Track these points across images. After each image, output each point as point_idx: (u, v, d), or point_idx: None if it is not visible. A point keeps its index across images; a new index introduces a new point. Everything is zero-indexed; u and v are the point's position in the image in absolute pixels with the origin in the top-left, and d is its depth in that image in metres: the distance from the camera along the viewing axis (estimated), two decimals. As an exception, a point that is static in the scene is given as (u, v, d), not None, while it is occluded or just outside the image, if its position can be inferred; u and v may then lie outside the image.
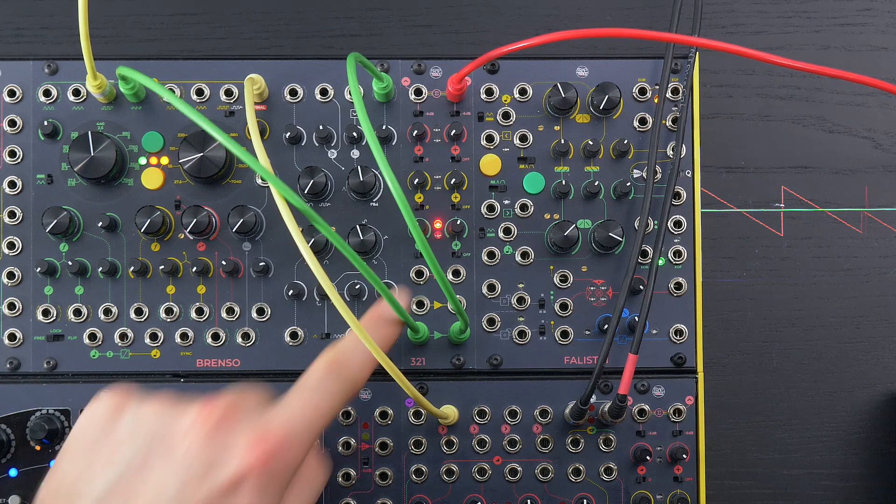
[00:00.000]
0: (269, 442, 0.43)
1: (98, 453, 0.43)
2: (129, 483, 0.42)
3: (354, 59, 0.48)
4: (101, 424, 0.44)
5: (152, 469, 0.42)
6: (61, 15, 0.61)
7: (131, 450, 0.43)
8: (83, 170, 0.54)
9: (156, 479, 0.42)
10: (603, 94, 0.54)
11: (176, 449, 0.43)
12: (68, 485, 0.43)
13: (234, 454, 0.42)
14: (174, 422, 0.43)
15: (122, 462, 0.43)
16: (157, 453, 0.43)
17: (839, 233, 0.61)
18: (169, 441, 0.43)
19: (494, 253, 0.56)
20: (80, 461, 0.44)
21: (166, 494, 0.41)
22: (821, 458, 0.61)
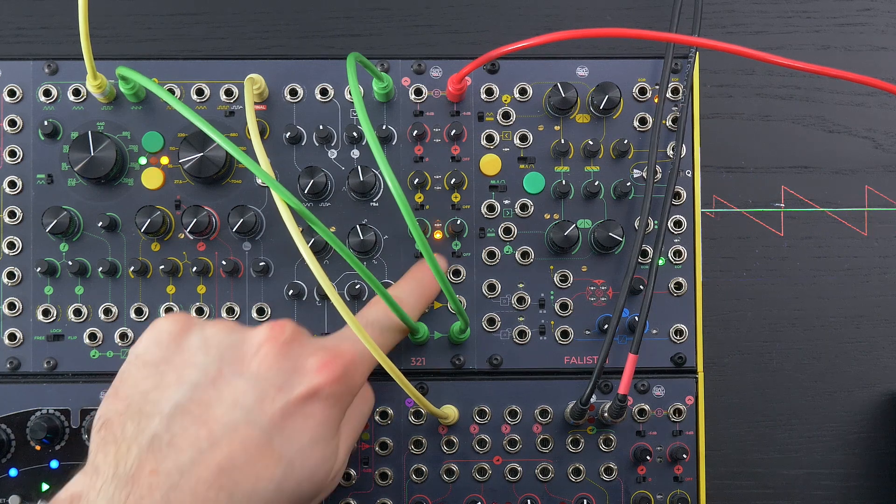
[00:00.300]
0: (340, 361, 0.46)
1: (167, 371, 0.45)
2: (203, 397, 0.43)
3: (354, 59, 0.48)
4: (166, 344, 0.46)
5: (226, 383, 0.44)
6: (61, 15, 0.61)
7: (202, 366, 0.45)
8: (83, 170, 0.54)
9: (230, 392, 0.44)
10: (603, 94, 0.54)
11: (249, 365, 0.45)
12: (137, 403, 0.44)
13: (307, 371, 0.45)
14: (244, 340, 0.46)
15: (193, 378, 0.44)
16: (229, 369, 0.44)
17: (839, 233, 0.61)
18: (241, 358, 0.45)
19: (494, 253, 0.56)
20: (149, 379, 0.45)
21: (242, 407, 0.43)
22: (821, 458, 0.61)
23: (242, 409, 0.43)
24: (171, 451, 0.41)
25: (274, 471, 0.43)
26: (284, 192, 0.45)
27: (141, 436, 0.42)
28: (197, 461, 0.41)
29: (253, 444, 0.42)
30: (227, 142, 0.45)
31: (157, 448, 0.41)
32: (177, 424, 0.42)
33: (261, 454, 0.43)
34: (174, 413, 0.43)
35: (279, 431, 0.43)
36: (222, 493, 0.41)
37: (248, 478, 0.42)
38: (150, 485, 0.40)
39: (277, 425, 0.43)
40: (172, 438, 0.42)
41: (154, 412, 0.43)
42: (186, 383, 0.44)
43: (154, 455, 0.41)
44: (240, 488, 0.42)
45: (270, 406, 0.44)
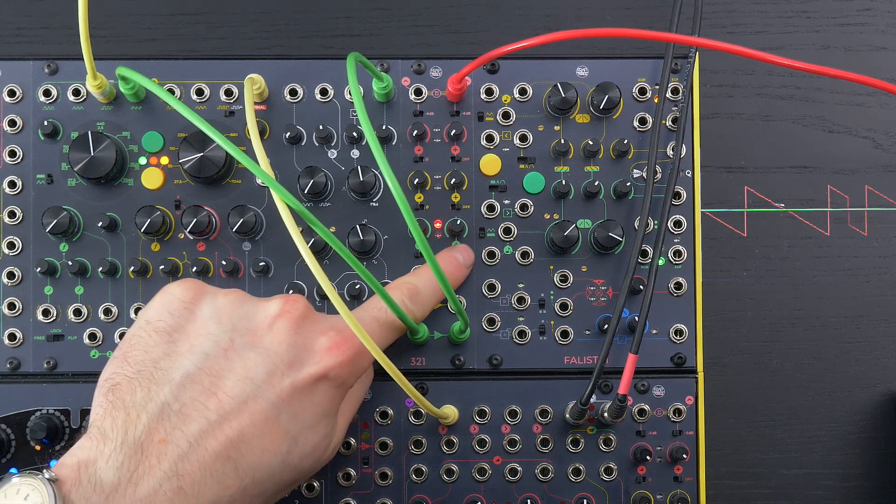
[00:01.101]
0: (351, 344, 0.46)
1: (179, 340, 0.45)
2: (214, 367, 0.44)
3: (354, 59, 0.48)
4: (178, 312, 0.46)
5: (238, 355, 0.44)
6: (61, 15, 0.61)
7: (214, 336, 0.45)
8: (83, 170, 0.54)
9: (241, 364, 0.44)
10: (603, 94, 0.54)
11: (262, 338, 0.45)
12: (148, 369, 0.44)
13: (317, 351, 0.46)
14: (256, 311, 0.46)
15: (205, 348, 0.44)
16: (241, 341, 0.45)
17: (839, 233, 0.61)
18: (253, 330, 0.45)
19: (494, 253, 0.56)
20: (160, 347, 0.44)
21: (252, 379, 0.44)
22: (821, 458, 0.61)
23: (253, 383, 0.44)
24: (180, 421, 0.42)
25: (280, 445, 0.44)
26: (284, 192, 0.45)
27: (150, 403, 0.42)
28: (206, 432, 0.42)
29: (261, 418, 0.43)
30: (227, 142, 0.45)
31: (166, 416, 0.42)
32: (186, 394, 0.42)
33: (268, 428, 0.43)
34: (184, 382, 0.43)
35: (287, 407, 0.44)
36: (229, 464, 0.42)
37: (254, 451, 0.43)
38: (159, 454, 0.40)
39: (285, 401, 0.44)
40: (182, 408, 0.42)
41: (164, 380, 0.43)
42: (198, 353, 0.44)
43: (163, 423, 0.41)
44: (246, 460, 0.42)
45: (280, 382, 0.44)
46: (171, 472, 0.40)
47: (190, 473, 0.41)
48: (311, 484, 0.54)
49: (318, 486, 0.55)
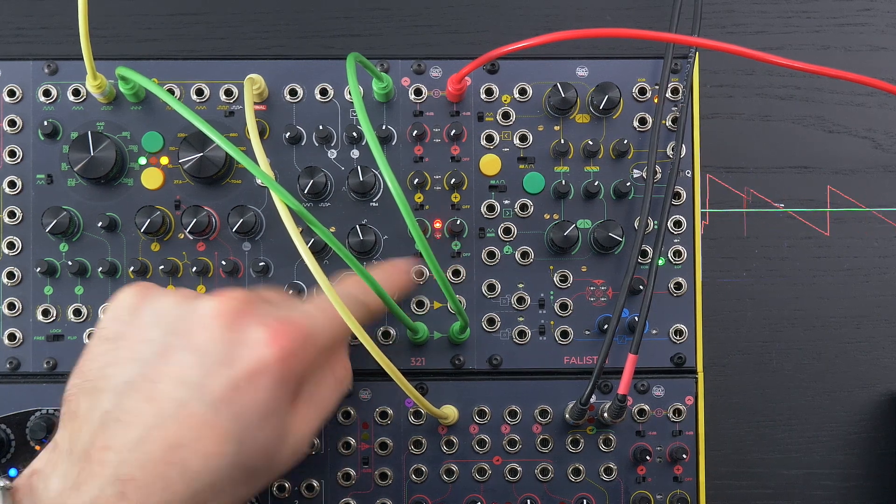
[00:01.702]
0: (287, 337, 0.44)
1: (122, 347, 0.44)
2: (151, 373, 0.43)
3: (354, 59, 0.48)
4: (122, 319, 0.45)
5: (173, 359, 0.43)
6: (61, 15, 0.61)
7: (153, 341, 0.44)
8: (83, 170, 0.54)
9: (176, 367, 0.43)
10: (603, 94, 0.54)
11: (195, 338, 0.44)
12: (93, 379, 0.44)
13: (252, 344, 0.43)
14: (192, 311, 0.44)
15: (144, 354, 0.44)
16: (177, 343, 0.44)
17: (839, 233, 0.61)
18: (188, 330, 0.44)
19: (494, 253, 0.56)
20: (106, 355, 0.44)
21: (187, 383, 0.42)
22: (821, 458, 0.61)
23: (188, 386, 0.42)
24: (119, 428, 0.41)
25: (223, 447, 0.42)
26: (283, 191, 0.45)
27: (93, 412, 0.42)
28: (145, 438, 0.41)
29: (199, 421, 0.42)
30: (226, 141, 0.45)
31: (107, 425, 0.42)
32: (126, 401, 0.42)
33: (208, 431, 0.42)
34: (125, 390, 0.43)
35: (226, 407, 0.43)
36: (173, 470, 0.41)
37: (197, 455, 0.42)
38: (102, 461, 0.40)
39: (224, 401, 0.43)
40: (122, 415, 0.42)
41: (107, 388, 0.43)
42: (138, 359, 0.44)
43: (104, 432, 0.41)
44: (190, 465, 0.41)
45: (215, 381, 0.43)
46: (113, 477, 0.40)
47: (133, 479, 0.40)
48: (311, 484, 0.55)
49: (318, 486, 0.55)
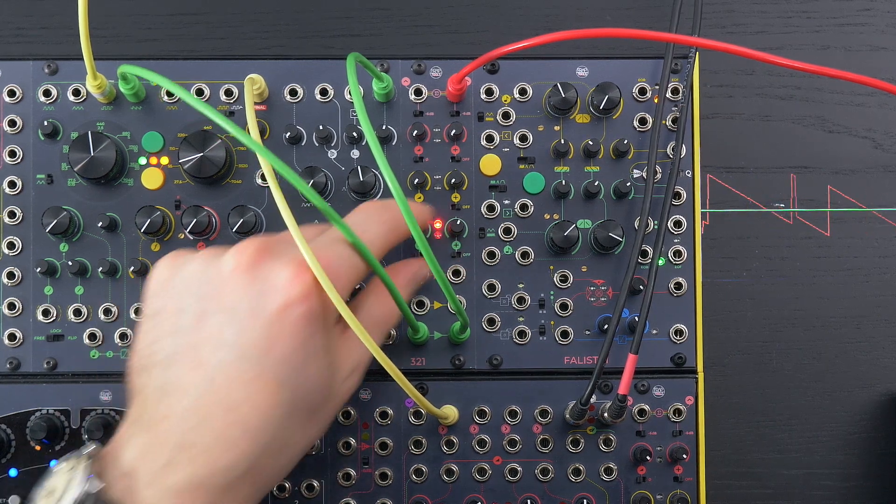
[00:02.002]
0: (309, 270, 0.44)
1: (162, 321, 0.46)
2: (192, 340, 0.44)
3: (354, 59, 0.48)
4: (160, 293, 0.47)
5: (209, 322, 0.44)
6: (61, 15, 0.61)
7: (187, 310, 0.45)
8: (83, 170, 0.54)
9: (213, 330, 0.44)
10: (603, 94, 0.54)
11: (224, 297, 0.44)
12: (144, 356, 0.45)
13: (277, 288, 0.44)
14: (217, 272, 0.45)
15: (183, 323, 0.45)
16: (209, 307, 0.45)
17: (839, 233, 0.61)
18: (216, 292, 0.45)
19: (494, 253, 0.56)
20: (151, 332, 0.46)
21: (225, 343, 0.43)
22: (821, 458, 0.61)
23: (227, 346, 0.43)
24: (174, 398, 0.43)
25: (277, 396, 0.43)
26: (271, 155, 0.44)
27: (148, 387, 0.44)
28: (199, 405, 0.43)
29: (247, 378, 0.43)
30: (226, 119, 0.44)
31: (162, 397, 0.43)
32: (174, 372, 0.44)
33: (258, 385, 0.43)
34: (170, 361, 0.44)
35: (268, 356, 0.43)
36: (234, 430, 0.43)
37: (254, 410, 0.43)
38: (165, 430, 0.43)
39: (264, 351, 0.43)
40: (173, 386, 0.43)
41: (155, 363, 0.44)
42: (178, 330, 0.45)
43: (161, 403, 0.43)
44: (250, 422, 0.43)
45: (251, 335, 0.43)
46: (178, 444, 0.42)
47: (198, 444, 0.42)
48: (311, 484, 0.55)
49: (318, 486, 0.55)
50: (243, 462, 0.43)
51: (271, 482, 0.47)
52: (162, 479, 0.42)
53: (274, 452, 0.44)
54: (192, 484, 0.42)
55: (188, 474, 0.42)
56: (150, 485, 0.42)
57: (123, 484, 0.42)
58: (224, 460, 0.42)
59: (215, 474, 0.42)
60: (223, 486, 0.43)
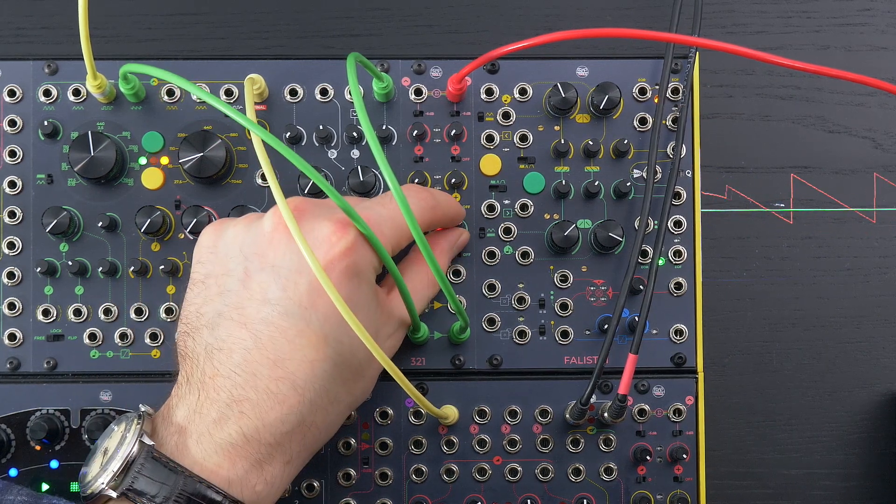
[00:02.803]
0: (351, 226, 0.46)
1: (209, 286, 0.47)
2: (237, 300, 0.45)
3: (354, 59, 0.48)
4: (205, 258, 0.48)
5: (253, 281, 0.45)
6: (61, 15, 0.61)
7: (233, 272, 0.46)
8: (83, 170, 0.54)
9: (258, 289, 0.45)
10: (603, 94, 0.54)
11: (267, 256, 0.45)
12: (192, 321, 0.47)
13: (319, 244, 0.45)
14: (259, 232, 0.46)
15: (229, 285, 0.46)
16: (253, 266, 0.46)
17: (839, 233, 0.61)
18: (260, 251, 0.46)
19: (494, 253, 0.56)
20: (199, 297, 0.47)
21: (269, 300, 0.45)
22: (821, 458, 0.61)
23: (271, 303, 0.44)
24: (223, 356, 0.44)
25: (324, 350, 0.44)
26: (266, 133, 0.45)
27: (198, 348, 0.46)
28: (248, 360, 0.44)
29: (293, 333, 0.44)
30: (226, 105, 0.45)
31: (211, 355, 0.45)
32: (221, 331, 0.45)
33: (304, 340, 0.44)
34: (217, 321, 0.45)
35: (314, 311, 0.44)
36: (283, 384, 0.44)
37: (302, 365, 0.44)
38: (216, 387, 0.44)
39: (308, 307, 0.44)
40: (222, 344, 0.45)
41: (202, 325, 0.46)
42: (225, 291, 0.46)
43: (211, 362, 0.45)
44: (299, 376, 0.44)
45: (295, 291, 0.44)
46: (230, 399, 0.44)
47: (247, 399, 0.44)
48: (311, 484, 0.55)
49: (318, 486, 0.55)
50: (292, 416, 0.44)
51: (319, 440, 0.47)
52: (212, 434, 0.43)
53: (321, 408, 0.45)
54: (242, 439, 0.43)
55: (238, 429, 0.43)
56: (199, 441, 0.43)
57: (174, 441, 0.44)
58: (273, 414, 0.44)
59: (264, 429, 0.44)
60: (272, 441, 0.44)
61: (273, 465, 0.45)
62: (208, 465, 0.43)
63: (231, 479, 0.43)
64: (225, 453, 0.43)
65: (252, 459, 0.44)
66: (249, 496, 0.44)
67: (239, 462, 0.43)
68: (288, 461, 0.45)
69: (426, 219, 0.51)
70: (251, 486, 0.44)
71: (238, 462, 0.43)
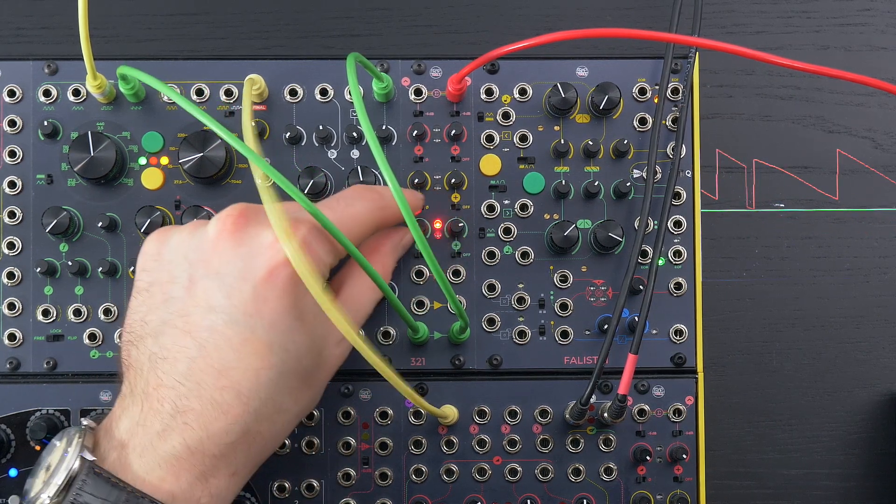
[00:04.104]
0: (298, 233, 0.45)
1: (154, 293, 0.46)
2: (182, 308, 0.44)
3: (354, 59, 0.48)
4: (149, 268, 0.47)
5: (198, 288, 0.44)
6: (61, 15, 0.61)
7: (178, 279, 0.45)
8: (83, 170, 0.54)
9: (203, 296, 0.44)
10: (603, 94, 0.54)
11: (212, 263, 0.45)
12: (136, 329, 0.46)
13: (263, 250, 0.44)
14: (203, 238, 0.45)
15: (174, 292, 0.45)
16: (198, 274, 0.45)
17: (839, 233, 0.61)
18: (204, 258, 0.45)
19: (494, 253, 0.56)
20: (143, 305, 0.46)
21: (214, 307, 0.44)
22: (821, 458, 0.61)
23: (216, 310, 0.44)
24: (167, 365, 0.44)
25: (268, 359, 0.44)
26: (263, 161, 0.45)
27: (142, 357, 0.45)
28: (192, 369, 0.43)
29: (238, 341, 0.43)
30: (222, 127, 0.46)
31: (155, 365, 0.44)
32: (166, 339, 0.44)
33: (248, 348, 0.43)
34: (161, 330, 0.44)
35: (258, 319, 0.43)
36: (227, 393, 0.43)
37: (246, 373, 0.43)
38: (160, 398, 0.43)
39: (253, 314, 0.43)
40: (165, 353, 0.44)
41: (146, 333, 0.45)
42: (169, 298, 0.45)
43: (155, 371, 0.44)
44: (244, 385, 0.43)
45: (240, 298, 0.43)
46: (174, 410, 0.43)
47: (192, 409, 0.43)
48: (311, 484, 0.55)
49: (318, 486, 0.55)
50: (237, 426, 0.43)
51: (265, 450, 0.46)
52: (155, 447, 0.43)
53: (266, 417, 0.44)
54: (186, 451, 0.43)
55: (181, 441, 0.43)
56: (142, 454, 0.43)
57: (115, 455, 0.43)
58: (217, 425, 0.43)
59: (209, 440, 0.43)
60: (216, 452, 0.43)
61: (218, 477, 0.44)
62: (151, 479, 0.42)
63: (175, 492, 0.42)
64: (168, 466, 0.42)
65: (196, 472, 0.43)
66: None
67: (183, 475, 0.43)
68: (233, 473, 0.45)
69: (375, 220, 0.50)
70: (196, 500, 0.43)
71: (182, 475, 0.43)
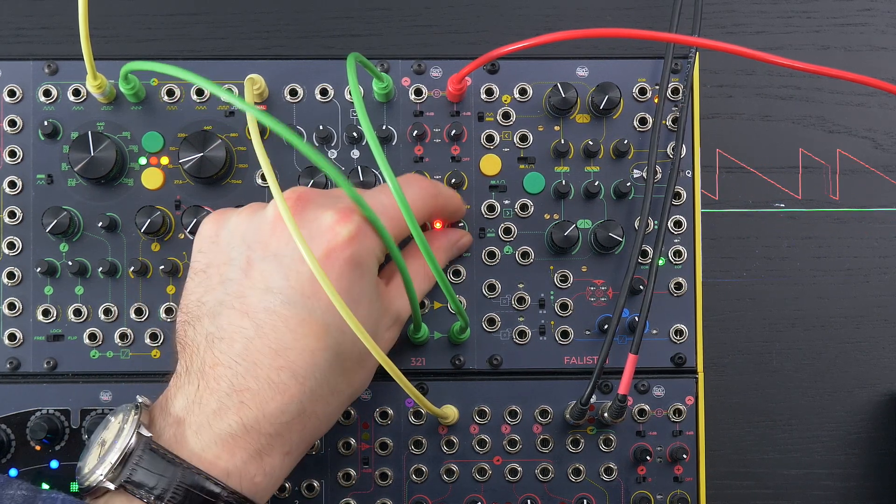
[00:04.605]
0: (356, 214, 0.45)
1: (211, 275, 0.47)
2: (239, 289, 0.45)
3: (354, 59, 0.48)
4: (206, 248, 0.48)
5: (255, 270, 0.45)
6: (61, 15, 0.61)
7: (235, 260, 0.46)
8: (83, 170, 0.54)
9: (260, 277, 0.45)
10: (603, 94, 0.54)
11: (270, 244, 0.45)
12: (192, 310, 0.47)
13: (322, 231, 0.45)
14: (262, 220, 0.46)
15: (231, 274, 0.46)
16: (255, 255, 0.45)
17: (839, 233, 0.61)
18: (262, 240, 0.46)
19: (494, 253, 0.56)
20: (200, 286, 0.47)
21: (272, 289, 0.44)
22: (821, 458, 0.61)
23: (274, 292, 0.44)
24: (224, 345, 0.44)
25: (325, 340, 0.44)
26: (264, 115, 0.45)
27: (198, 337, 0.45)
28: (249, 349, 0.44)
29: (294, 322, 0.44)
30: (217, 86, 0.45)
31: (212, 344, 0.45)
32: (222, 319, 0.45)
33: (305, 329, 0.44)
34: (218, 310, 0.45)
35: (316, 300, 0.44)
36: (283, 373, 0.44)
37: (303, 354, 0.44)
38: (216, 377, 0.44)
39: (311, 296, 0.44)
40: (223, 333, 0.44)
41: (203, 314, 0.46)
42: (226, 280, 0.46)
43: (212, 351, 0.44)
44: (300, 365, 0.44)
45: (297, 280, 0.44)
46: (230, 389, 0.43)
47: (248, 388, 0.43)
48: (312, 484, 0.55)
49: (318, 486, 0.55)
50: (292, 406, 0.44)
51: (318, 431, 0.47)
52: (211, 425, 0.43)
53: (321, 398, 0.45)
54: (242, 429, 0.43)
55: (237, 420, 0.43)
56: (198, 432, 0.43)
57: (172, 432, 0.43)
58: (273, 404, 0.43)
59: (264, 419, 0.43)
60: (272, 431, 0.44)
61: (272, 455, 0.44)
62: (207, 456, 0.43)
63: (230, 470, 0.43)
64: (224, 444, 0.43)
65: (251, 450, 0.44)
66: (248, 487, 0.44)
67: (238, 453, 0.43)
68: (287, 452, 0.45)
69: (427, 207, 0.50)
70: (250, 478, 0.44)
71: (237, 453, 0.43)
